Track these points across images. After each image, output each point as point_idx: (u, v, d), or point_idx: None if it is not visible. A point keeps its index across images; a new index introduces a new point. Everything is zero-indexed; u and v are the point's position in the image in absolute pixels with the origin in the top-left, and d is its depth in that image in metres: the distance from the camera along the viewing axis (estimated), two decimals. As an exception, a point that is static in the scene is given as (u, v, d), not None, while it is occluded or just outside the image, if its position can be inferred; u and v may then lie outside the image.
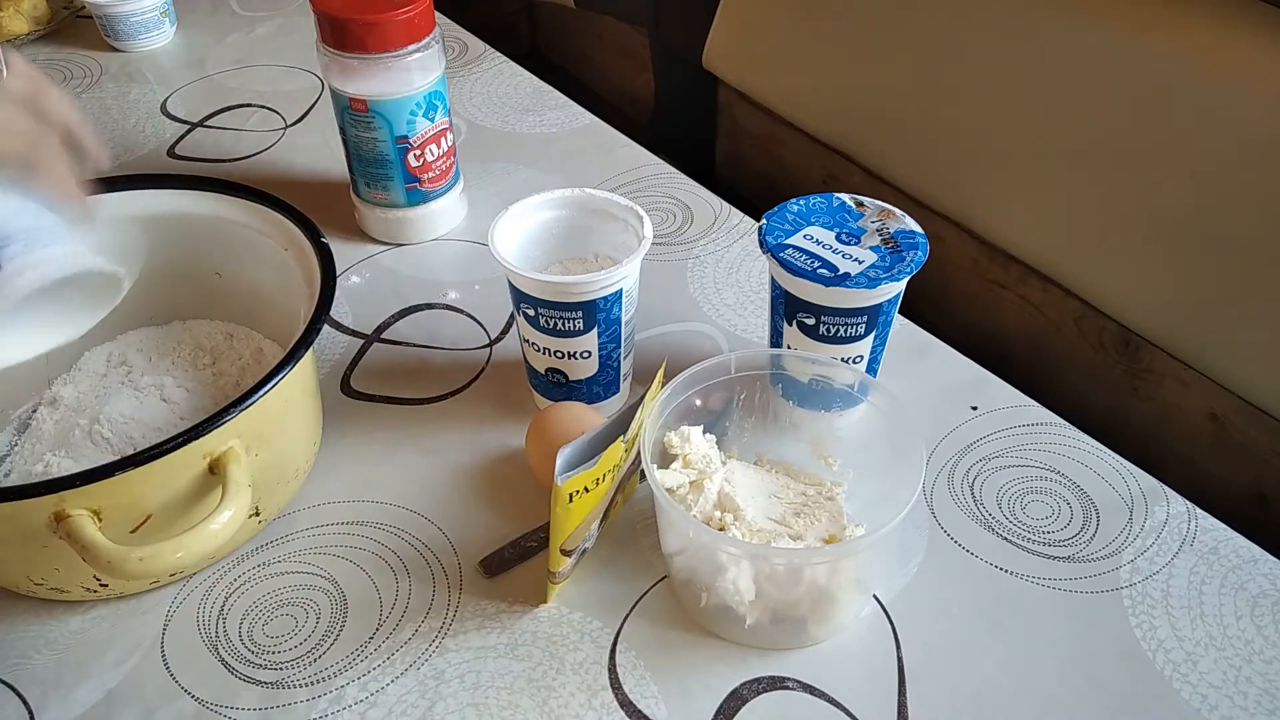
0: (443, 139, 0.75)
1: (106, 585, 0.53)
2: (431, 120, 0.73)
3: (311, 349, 0.54)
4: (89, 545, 0.46)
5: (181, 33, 1.08)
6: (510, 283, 0.59)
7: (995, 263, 0.90)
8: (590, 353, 0.60)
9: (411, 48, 0.70)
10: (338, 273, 0.58)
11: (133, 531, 0.50)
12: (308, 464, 0.60)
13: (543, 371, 0.62)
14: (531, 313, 0.59)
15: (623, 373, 0.63)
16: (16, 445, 0.61)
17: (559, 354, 0.60)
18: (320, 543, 0.58)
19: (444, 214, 0.80)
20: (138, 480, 0.48)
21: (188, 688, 0.51)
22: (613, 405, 0.64)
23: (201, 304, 0.67)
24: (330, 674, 0.51)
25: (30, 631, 0.54)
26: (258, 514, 0.56)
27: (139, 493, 0.49)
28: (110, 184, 0.63)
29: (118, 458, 0.52)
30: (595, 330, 0.59)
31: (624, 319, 0.60)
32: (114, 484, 0.47)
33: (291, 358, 0.52)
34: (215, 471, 0.50)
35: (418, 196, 0.77)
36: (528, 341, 0.61)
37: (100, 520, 0.48)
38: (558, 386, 0.62)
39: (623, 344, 0.61)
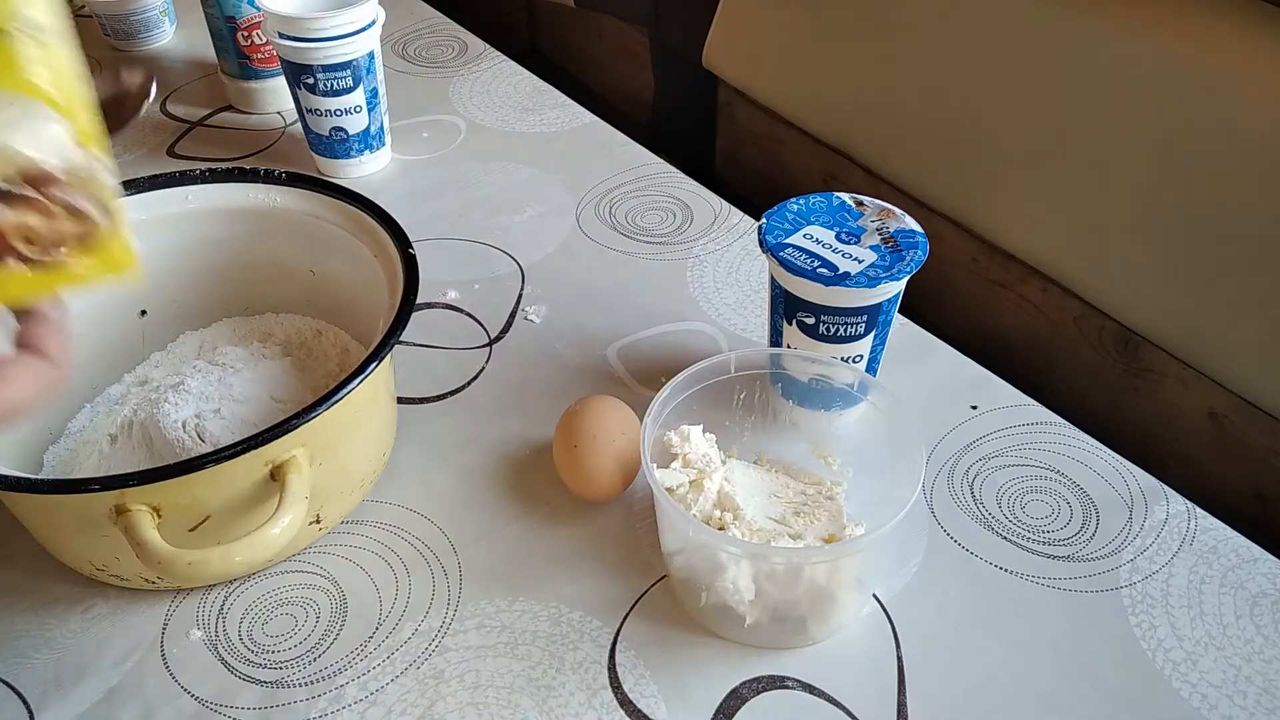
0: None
1: (162, 578, 0.54)
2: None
3: (389, 360, 0.53)
4: (143, 543, 0.47)
5: (181, 32, 1.07)
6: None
7: (995, 263, 0.90)
8: None
9: None
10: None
11: (191, 530, 0.50)
12: (376, 473, 0.60)
13: None
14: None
15: None
16: (96, 420, 0.62)
17: None
18: (320, 542, 0.58)
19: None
20: (198, 482, 0.48)
21: (187, 687, 0.51)
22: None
23: (295, 299, 0.67)
24: (330, 673, 0.51)
25: (30, 631, 0.54)
26: (319, 521, 0.56)
27: (199, 493, 0.49)
28: (215, 176, 0.63)
29: (187, 448, 0.54)
30: None
31: None
32: (174, 484, 0.47)
33: (360, 371, 0.51)
34: (276, 477, 0.50)
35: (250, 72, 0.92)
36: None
37: (160, 516, 0.48)
38: None
39: None
